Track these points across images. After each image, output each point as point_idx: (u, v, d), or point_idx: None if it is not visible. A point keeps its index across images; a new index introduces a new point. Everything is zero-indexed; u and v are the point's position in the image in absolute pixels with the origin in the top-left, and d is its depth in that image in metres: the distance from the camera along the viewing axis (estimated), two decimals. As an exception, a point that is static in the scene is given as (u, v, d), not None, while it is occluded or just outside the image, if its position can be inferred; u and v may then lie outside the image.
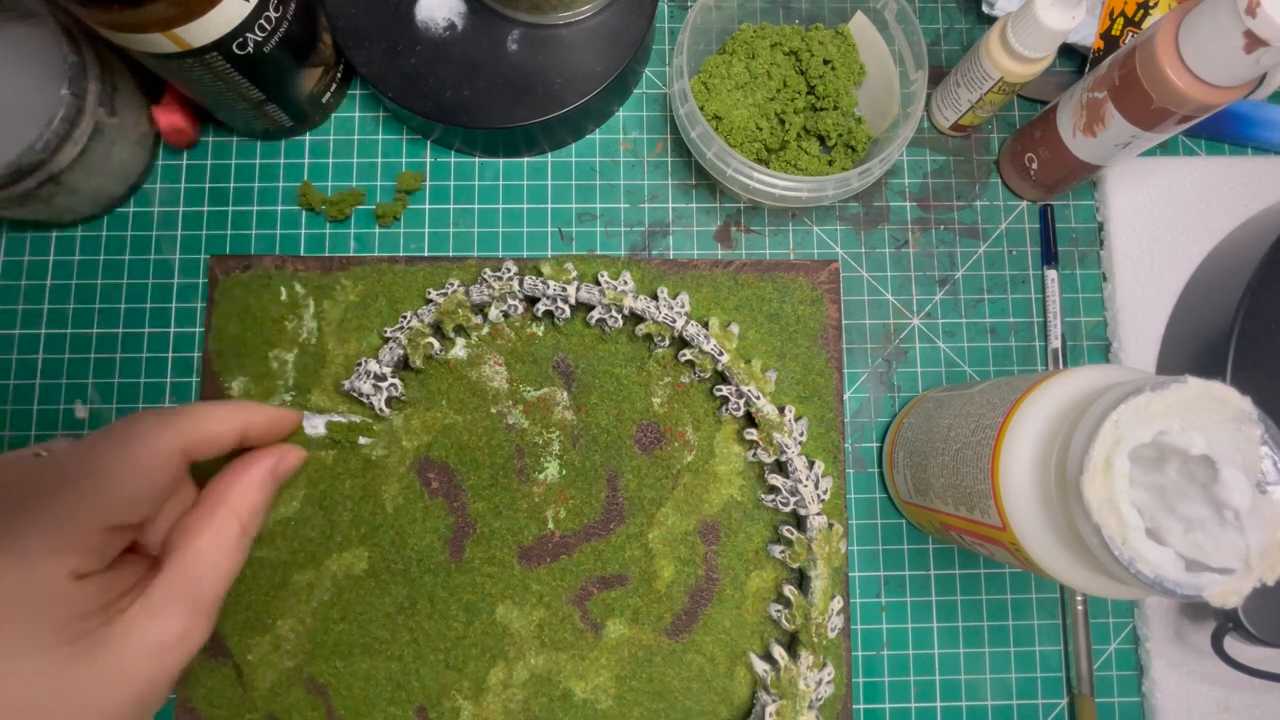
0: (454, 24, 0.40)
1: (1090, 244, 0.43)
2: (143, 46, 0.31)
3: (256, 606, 0.37)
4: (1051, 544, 0.26)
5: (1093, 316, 0.42)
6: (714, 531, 0.38)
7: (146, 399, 0.40)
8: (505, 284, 0.38)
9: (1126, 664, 0.40)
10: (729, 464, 0.39)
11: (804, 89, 0.40)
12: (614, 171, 0.43)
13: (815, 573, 0.36)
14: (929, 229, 0.43)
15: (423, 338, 0.37)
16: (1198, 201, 0.42)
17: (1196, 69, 0.30)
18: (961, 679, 0.39)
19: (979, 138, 0.44)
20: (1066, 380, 0.27)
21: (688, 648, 0.37)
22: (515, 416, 0.39)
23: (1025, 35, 0.35)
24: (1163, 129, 0.34)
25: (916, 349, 0.42)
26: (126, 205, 0.41)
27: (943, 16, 0.45)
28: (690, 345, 0.38)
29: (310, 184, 0.41)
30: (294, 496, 0.38)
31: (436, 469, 0.38)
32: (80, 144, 0.36)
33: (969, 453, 0.30)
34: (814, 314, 0.40)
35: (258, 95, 0.37)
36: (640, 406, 0.39)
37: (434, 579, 0.37)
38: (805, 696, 0.35)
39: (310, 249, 0.41)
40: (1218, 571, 0.23)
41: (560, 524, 0.38)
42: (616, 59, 0.39)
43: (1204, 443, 0.23)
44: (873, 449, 0.41)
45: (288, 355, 0.39)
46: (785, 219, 0.43)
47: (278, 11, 0.34)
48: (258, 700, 0.36)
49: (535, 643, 0.37)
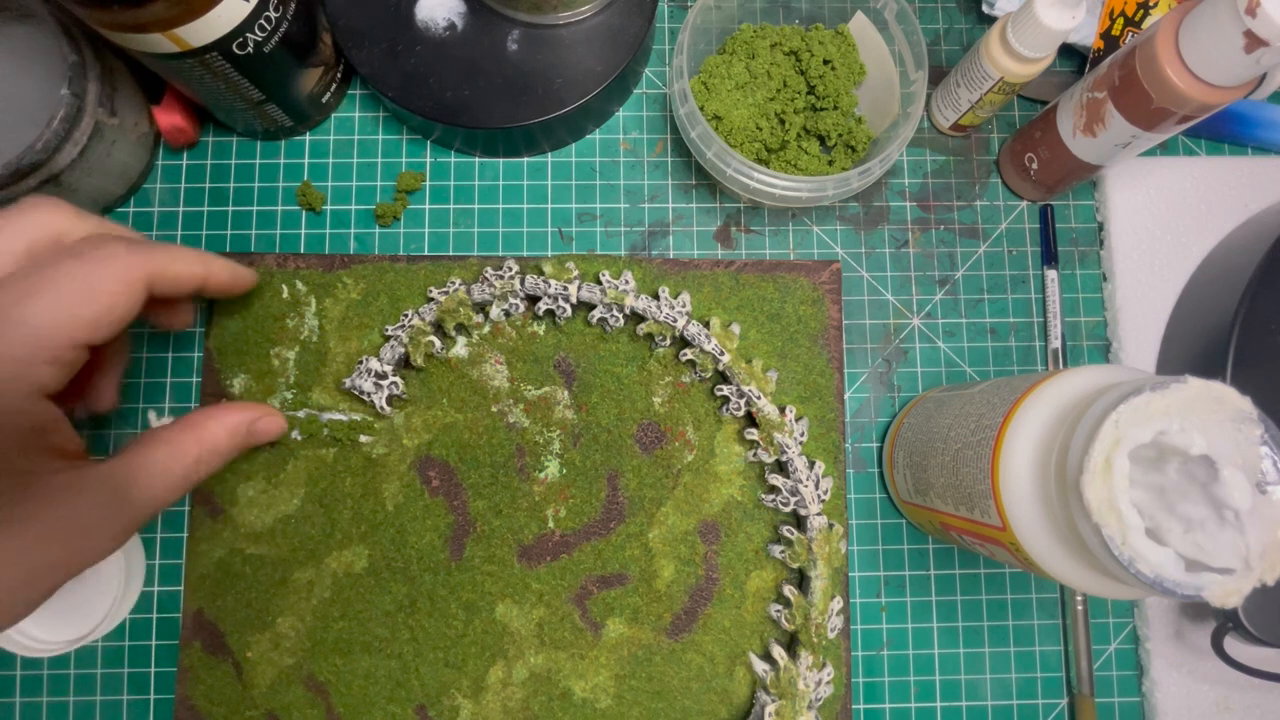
0: (454, 24, 0.40)
1: (1090, 244, 0.43)
2: (143, 46, 0.31)
3: (256, 604, 0.37)
4: (1051, 544, 0.26)
5: (1093, 316, 0.42)
6: (714, 531, 0.38)
7: (147, 399, 0.40)
8: (507, 283, 0.38)
9: (1126, 664, 0.40)
10: (729, 464, 0.39)
11: (804, 89, 0.40)
12: (614, 171, 0.43)
13: (815, 573, 0.36)
14: (929, 229, 0.43)
15: (424, 336, 0.37)
16: (1198, 201, 0.42)
17: (1196, 69, 0.30)
18: (961, 679, 0.39)
19: (979, 138, 0.44)
20: (1066, 380, 0.27)
21: (687, 647, 0.37)
22: (516, 415, 0.39)
23: (1025, 35, 0.35)
24: (1163, 129, 0.34)
25: (916, 349, 0.42)
26: (126, 205, 0.41)
27: (943, 16, 0.45)
28: (691, 345, 0.38)
29: (310, 184, 0.41)
30: (294, 494, 0.38)
31: (437, 467, 0.38)
32: (80, 144, 0.36)
33: (969, 453, 0.30)
34: (815, 314, 0.40)
35: (258, 95, 0.37)
36: (641, 406, 0.39)
37: (434, 577, 0.37)
38: (805, 696, 0.35)
39: (310, 249, 0.41)
40: (1218, 571, 0.23)
41: (560, 523, 0.38)
42: (616, 59, 0.39)
43: (1204, 443, 0.23)
44: (873, 449, 0.41)
45: (289, 353, 0.39)
46: (785, 219, 0.43)
47: (278, 11, 0.34)
48: (257, 698, 0.36)
49: (535, 641, 0.37)
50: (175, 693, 0.37)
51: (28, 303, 0.25)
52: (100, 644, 0.38)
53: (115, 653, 0.38)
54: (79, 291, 0.26)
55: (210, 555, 0.37)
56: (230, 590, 0.37)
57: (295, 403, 0.38)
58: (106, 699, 0.38)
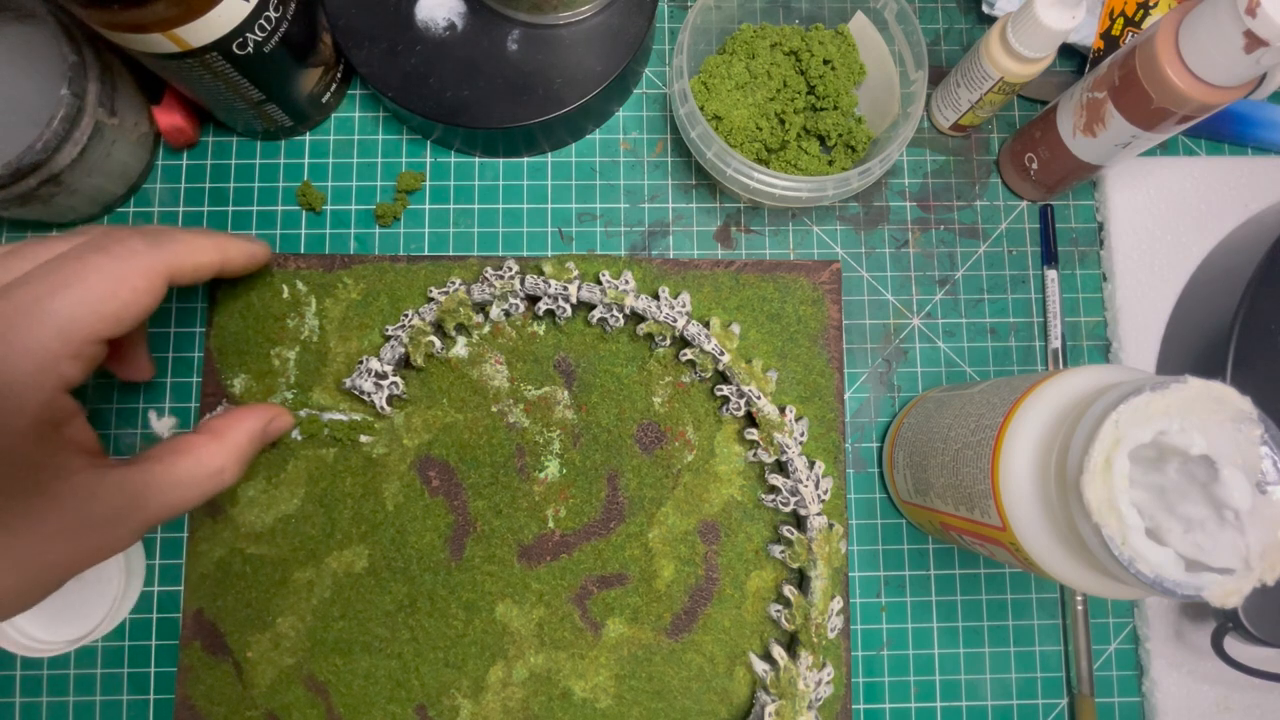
0: (454, 24, 0.40)
1: (1090, 244, 0.43)
2: (143, 46, 0.31)
3: (257, 604, 0.37)
4: (1051, 544, 0.26)
5: (1093, 316, 0.42)
6: (714, 531, 0.38)
7: (147, 399, 0.40)
8: (507, 283, 0.38)
9: (1126, 664, 0.40)
10: (729, 464, 0.39)
11: (804, 89, 0.40)
12: (614, 171, 0.43)
13: (815, 573, 0.36)
14: (929, 229, 0.43)
15: (424, 336, 0.37)
16: (1198, 201, 0.42)
17: (1196, 69, 0.30)
18: (961, 679, 0.39)
19: (979, 138, 0.44)
20: (1066, 380, 0.27)
21: (687, 647, 0.37)
22: (516, 415, 0.39)
23: (1025, 35, 0.35)
24: (1163, 129, 0.34)
25: (916, 349, 0.42)
26: (126, 205, 0.41)
27: (943, 16, 0.45)
28: (691, 345, 0.38)
29: (310, 184, 0.41)
30: (295, 494, 0.38)
31: (437, 467, 0.38)
32: (80, 144, 0.36)
33: (969, 453, 0.30)
34: (815, 314, 0.40)
35: (258, 95, 0.37)
36: (641, 406, 0.39)
37: (434, 577, 0.37)
38: (805, 696, 0.35)
39: (310, 249, 0.41)
40: (1218, 571, 0.23)
41: (560, 523, 0.38)
42: (616, 59, 0.39)
43: (1204, 443, 0.23)
44: (873, 449, 0.41)
45: (289, 353, 0.39)
46: (785, 219, 0.43)
47: (278, 11, 0.34)
48: (257, 698, 0.36)
49: (535, 641, 0.37)
50: (175, 693, 0.37)
51: (57, 296, 0.25)
52: (100, 644, 0.38)
53: (115, 653, 0.38)
54: (103, 286, 0.26)
55: (210, 555, 0.37)
56: (230, 590, 0.37)
57: (295, 403, 0.38)
58: (106, 699, 0.38)
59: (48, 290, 0.25)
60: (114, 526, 0.26)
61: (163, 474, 0.27)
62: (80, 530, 0.25)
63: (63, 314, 0.25)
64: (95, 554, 0.26)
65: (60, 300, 0.25)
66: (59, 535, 0.25)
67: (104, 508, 0.26)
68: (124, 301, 0.27)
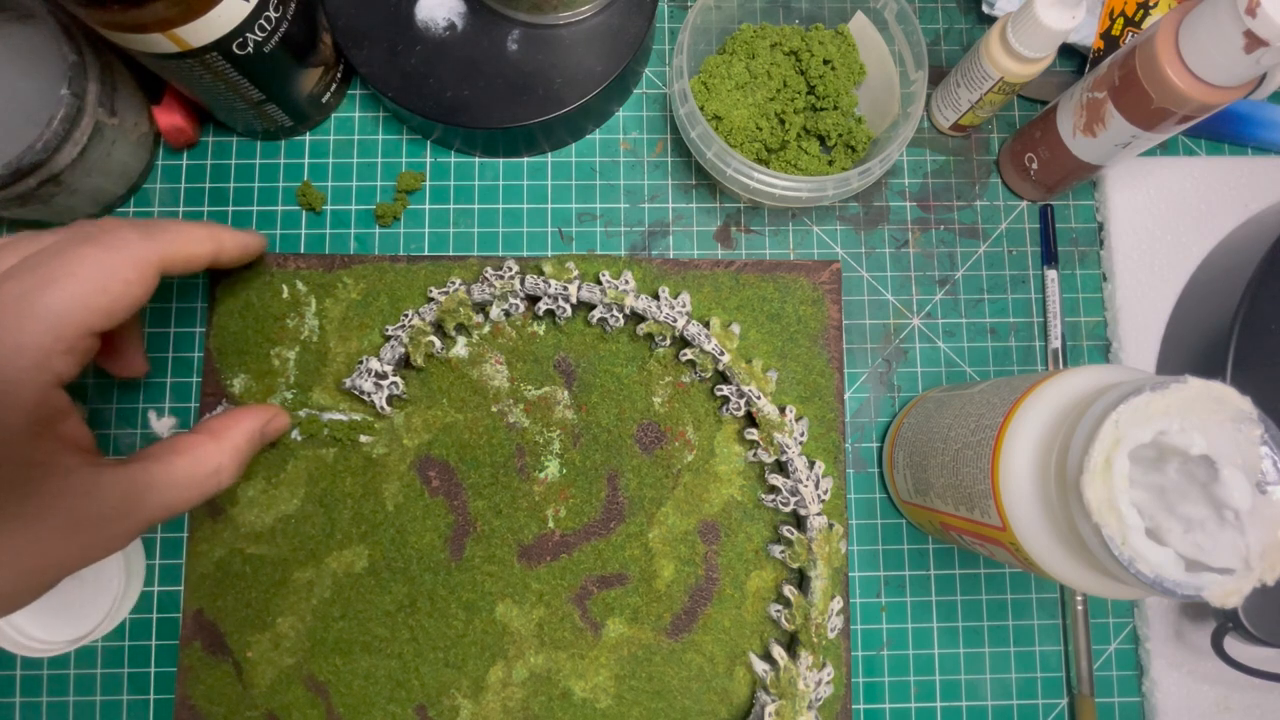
0: (454, 24, 0.40)
1: (1090, 244, 0.43)
2: (143, 46, 0.31)
3: (256, 604, 0.37)
4: (1051, 544, 0.26)
5: (1093, 316, 0.42)
6: (714, 531, 0.38)
7: (147, 399, 0.40)
8: (507, 283, 0.38)
9: (1126, 664, 0.40)
10: (729, 464, 0.39)
11: (804, 89, 0.40)
12: (614, 171, 0.43)
13: (815, 573, 0.36)
14: (929, 229, 0.43)
15: (424, 336, 0.37)
16: (1198, 201, 0.42)
17: (1196, 69, 0.30)
18: (961, 679, 0.39)
19: (979, 138, 0.44)
20: (1066, 380, 0.27)
21: (687, 647, 0.37)
22: (516, 415, 0.39)
23: (1025, 35, 0.35)
24: (1163, 129, 0.34)
25: (916, 349, 0.42)
26: (126, 205, 0.41)
27: (943, 16, 0.45)
28: (691, 345, 0.38)
29: (310, 184, 0.41)
30: (294, 494, 0.38)
31: (437, 467, 0.38)
32: (80, 144, 0.36)
33: (969, 453, 0.30)
34: (815, 314, 0.40)
35: (258, 95, 0.37)
36: (641, 406, 0.39)
37: (434, 577, 0.37)
38: (805, 696, 0.35)
39: (310, 249, 0.41)
40: (1218, 571, 0.23)
41: (560, 523, 0.38)
42: (616, 59, 0.39)
43: (1204, 443, 0.23)
44: (873, 449, 0.41)
45: (289, 353, 0.39)
46: (785, 219, 0.43)
47: (278, 11, 0.34)
48: (257, 698, 0.36)
49: (535, 641, 0.37)
50: (175, 693, 0.37)
51: (47, 290, 0.25)
52: (100, 644, 0.38)
53: (115, 653, 0.38)
54: (94, 279, 0.26)
55: (210, 555, 0.37)
56: (230, 590, 0.37)
57: (295, 403, 0.38)
58: (106, 699, 0.38)
59: (38, 284, 0.25)
60: (109, 525, 0.26)
61: (160, 473, 0.27)
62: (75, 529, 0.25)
63: (54, 308, 0.25)
64: (90, 553, 0.26)
65: (51, 294, 0.25)
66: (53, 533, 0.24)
67: (99, 506, 0.25)
68: (115, 294, 0.26)
